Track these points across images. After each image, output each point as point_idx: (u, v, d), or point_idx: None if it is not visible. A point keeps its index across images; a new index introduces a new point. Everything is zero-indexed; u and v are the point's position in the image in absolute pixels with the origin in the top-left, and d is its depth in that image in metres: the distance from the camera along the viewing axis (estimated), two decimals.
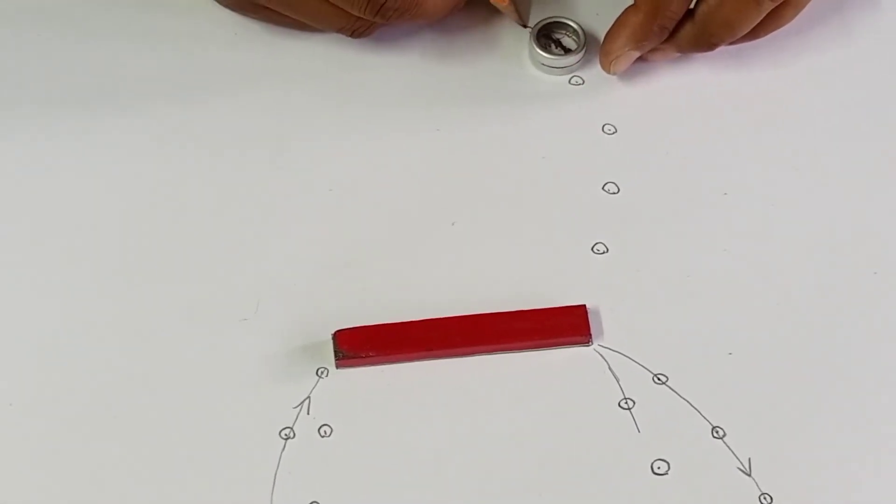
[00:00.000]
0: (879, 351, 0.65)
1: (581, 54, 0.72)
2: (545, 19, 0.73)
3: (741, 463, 0.62)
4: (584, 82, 0.72)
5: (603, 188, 0.69)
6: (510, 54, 0.73)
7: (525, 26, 0.73)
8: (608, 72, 0.71)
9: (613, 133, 0.71)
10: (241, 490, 0.62)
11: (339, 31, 0.70)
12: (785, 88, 0.72)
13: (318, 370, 0.64)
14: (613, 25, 0.70)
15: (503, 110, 0.71)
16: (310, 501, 0.62)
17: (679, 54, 0.71)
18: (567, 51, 0.72)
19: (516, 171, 0.69)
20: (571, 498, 0.62)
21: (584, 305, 0.65)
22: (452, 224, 0.68)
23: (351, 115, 0.71)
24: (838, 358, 0.65)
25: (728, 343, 0.65)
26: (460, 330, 0.64)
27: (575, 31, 0.73)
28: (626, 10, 0.70)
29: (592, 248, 0.67)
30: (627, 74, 0.72)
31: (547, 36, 0.73)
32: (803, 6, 0.69)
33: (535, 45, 0.72)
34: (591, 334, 0.65)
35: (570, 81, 0.72)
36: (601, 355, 0.65)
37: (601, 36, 0.71)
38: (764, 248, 0.67)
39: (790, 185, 0.69)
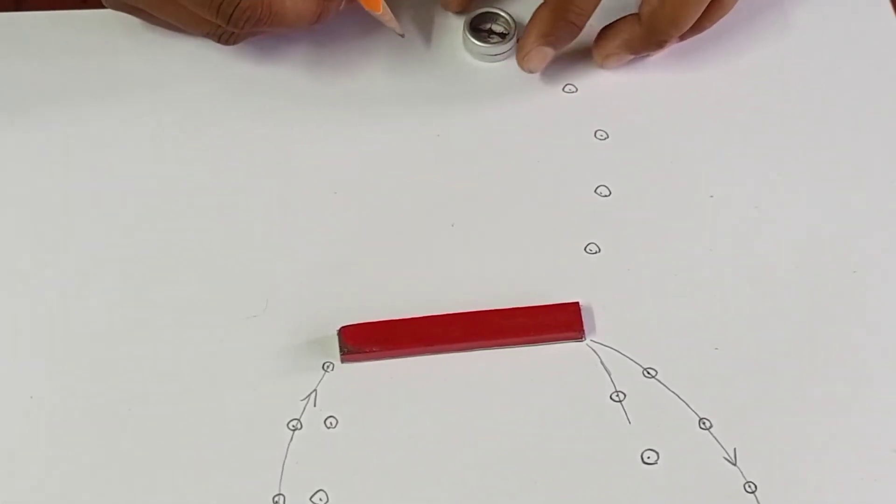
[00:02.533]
0: (857, 346, 0.65)
1: (515, 38, 0.72)
2: (472, 13, 0.73)
3: (727, 452, 0.63)
4: (577, 90, 0.72)
5: (595, 191, 0.69)
6: (504, 62, 0.73)
7: (401, 35, 0.72)
8: (523, 69, 0.71)
9: (605, 139, 0.71)
10: (251, 478, 0.62)
11: (206, 35, 0.69)
12: (768, 98, 0.72)
13: (324, 364, 0.65)
14: (528, 23, 0.70)
15: (501, 117, 0.72)
16: (316, 489, 0.62)
17: (632, 56, 0.71)
18: (502, 36, 0.73)
19: (513, 175, 0.70)
20: (565, 486, 0.62)
21: (578, 303, 0.66)
22: (452, 225, 0.68)
23: (355, 121, 0.71)
24: (819, 352, 0.65)
25: (714, 338, 0.65)
26: (460, 326, 0.65)
27: (504, 18, 0.73)
28: (539, 6, 0.70)
29: (585, 248, 0.68)
30: (618, 84, 0.72)
31: (476, 29, 0.73)
32: None
33: (469, 36, 0.72)
34: (584, 330, 0.65)
35: (563, 90, 0.72)
36: (594, 350, 0.65)
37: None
38: (748, 247, 0.68)
39: (773, 188, 0.69)
